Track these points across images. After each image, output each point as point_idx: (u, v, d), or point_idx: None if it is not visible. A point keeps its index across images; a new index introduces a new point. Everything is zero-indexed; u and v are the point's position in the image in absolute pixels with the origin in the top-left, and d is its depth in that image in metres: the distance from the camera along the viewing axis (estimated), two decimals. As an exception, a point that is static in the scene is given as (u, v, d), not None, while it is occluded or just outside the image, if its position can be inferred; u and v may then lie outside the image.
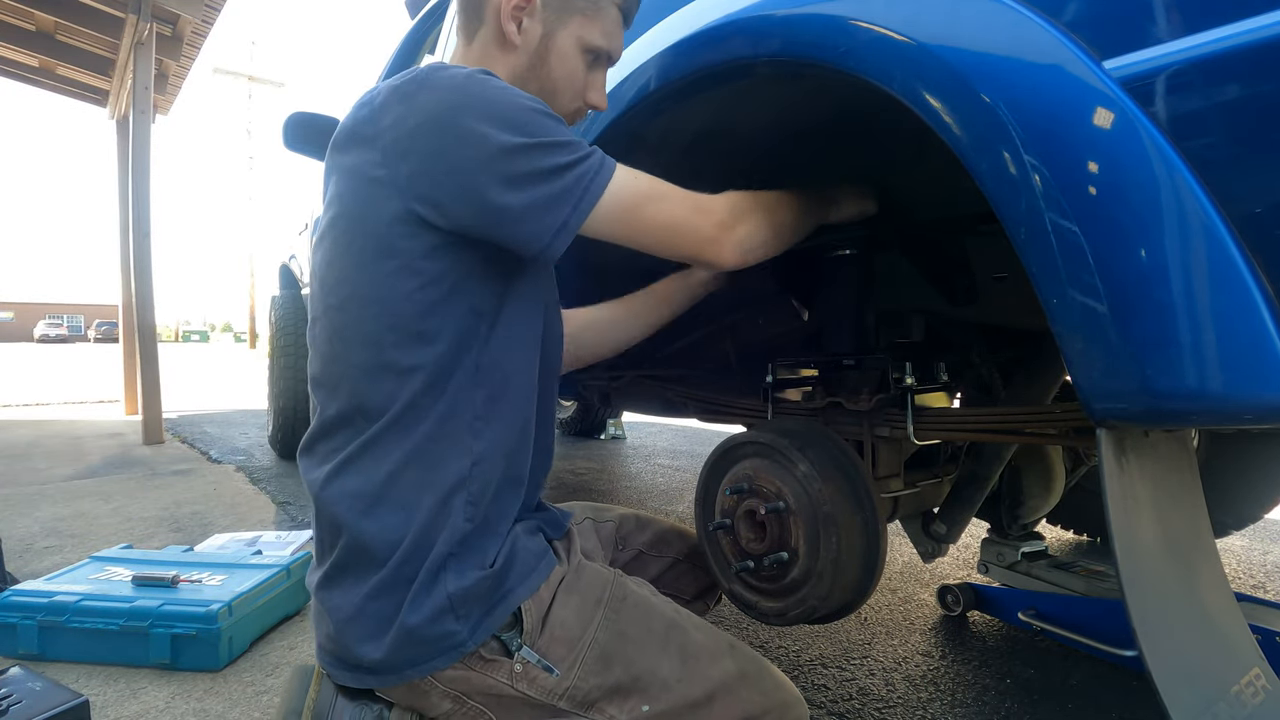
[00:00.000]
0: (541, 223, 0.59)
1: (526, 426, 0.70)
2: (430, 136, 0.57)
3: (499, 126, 0.57)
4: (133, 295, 4.11)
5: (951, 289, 1.17)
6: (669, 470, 3.09)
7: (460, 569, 0.62)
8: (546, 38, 0.71)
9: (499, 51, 0.72)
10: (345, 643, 0.62)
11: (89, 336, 49.51)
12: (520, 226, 0.58)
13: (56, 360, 15.89)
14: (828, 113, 0.88)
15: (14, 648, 1.26)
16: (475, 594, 0.62)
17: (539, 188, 0.58)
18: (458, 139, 0.57)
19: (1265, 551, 1.94)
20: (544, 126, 0.59)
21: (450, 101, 0.57)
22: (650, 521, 0.96)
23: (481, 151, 0.57)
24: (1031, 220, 0.51)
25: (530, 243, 0.59)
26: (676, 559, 0.95)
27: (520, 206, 0.58)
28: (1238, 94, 0.43)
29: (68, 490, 2.66)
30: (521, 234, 0.59)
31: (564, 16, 0.71)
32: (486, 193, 0.57)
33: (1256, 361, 0.44)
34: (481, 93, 0.58)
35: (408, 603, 0.60)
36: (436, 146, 0.57)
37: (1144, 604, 0.53)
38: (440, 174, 0.57)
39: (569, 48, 0.72)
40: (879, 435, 1.02)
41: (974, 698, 1.16)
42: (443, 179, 0.57)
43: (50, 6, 4.14)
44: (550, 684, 0.62)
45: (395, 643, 0.61)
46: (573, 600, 0.67)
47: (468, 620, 0.61)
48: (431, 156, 0.57)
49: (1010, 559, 1.32)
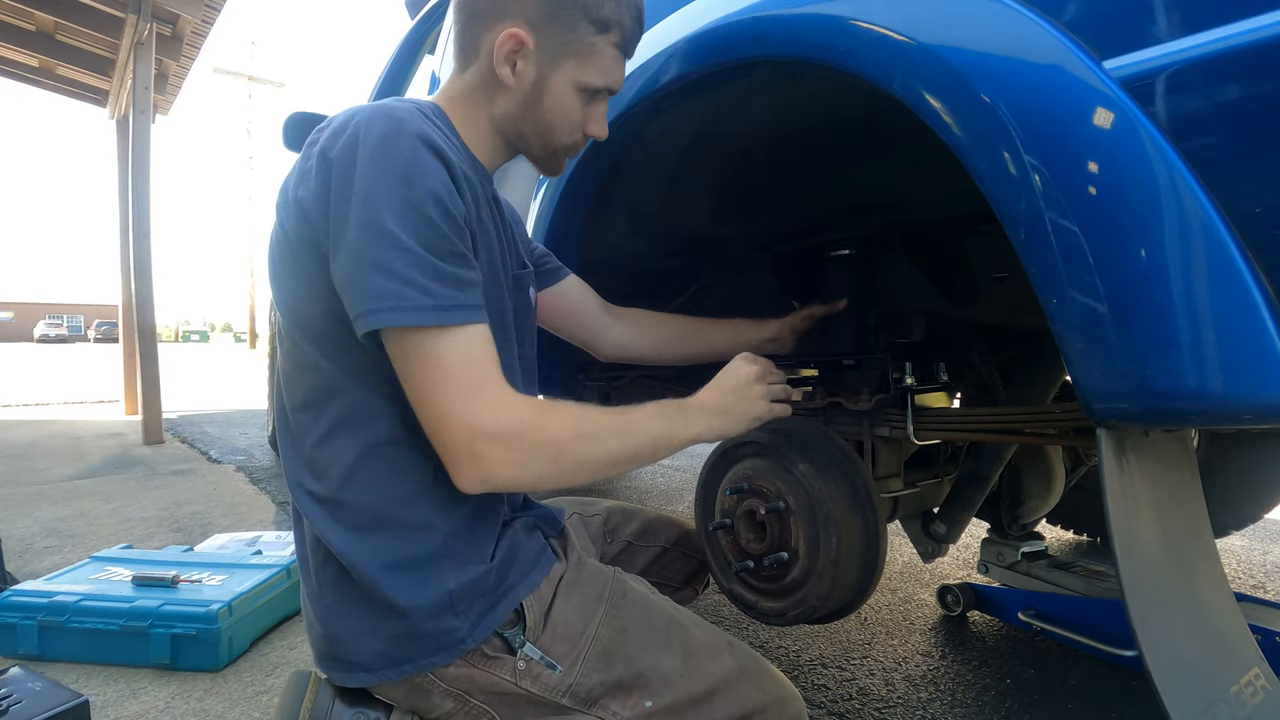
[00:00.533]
0: (360, 299, 0.55)
1: None
2: (346, 210, 0.56)
3: (407, 229, 0.55)
4: (133, 295, 4.11)
5: (951, 289, 1.17)
6: (669, 470, 3.09)
7: (458, 564, 0.62)
8: (540, 81, 0.68)
9: (492, 89, 0.69)
10: (341, 639, 0.62)
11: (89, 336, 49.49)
12: (345, 291, 0.56)
13: (56, 360, 15.89)
14: (827, 114, 0.88)
15: (14, 648, 1.26)
16: (476, 589, 0.62)
17: (386, 275, 0.54)
18: (369, 229, 0.55)
19: (1265, 551, 1.93)
20: (441, 246, 0.57)
21: (371, 190, 0.55)
22: (636, 511, 0.97)
23: (382, 243, 0.55)
24: (1031, 220, 0.51)
25: (349, 309, 0.57)
26: (665, 547, 0.97)
27: (348, 275, 0.55)
28: (1237, 94, 0.43)
29: (68, 490, 2.66)
30: (345, 298, 0.57)
31: (557, 60, 0.68)
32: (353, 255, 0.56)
33: (1256, 361, 0.44)
34: (402, 191, 0.55)
35: (405, 598, 0.60)
36: (345, 220, 0.56)
37: (1144, 604, 0.53)
38: (337, 239, 0.56)
39: (563, 89, 0.69)
40: (879, 435, 1.02)
41: (974, 698, 1.16)
42: (337, 243, 0.56)
43: (50, 6, 4.13)
44: (554, 681, 0.63)
45: (393, 639, 0.61)
46: (574, 597, 0.67)
47: (468, 616, 0.62)
48: (339, 225, 0.56)
49: (1010, 559, 1.32)
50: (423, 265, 0.55)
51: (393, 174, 0.55)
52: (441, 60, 1.90)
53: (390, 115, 0.58)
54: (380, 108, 0.59)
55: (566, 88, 0.69)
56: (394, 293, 0.54)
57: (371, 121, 0.57)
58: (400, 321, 0.54)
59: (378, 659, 0.61)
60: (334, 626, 0.63)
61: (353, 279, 0.55)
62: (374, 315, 0.54)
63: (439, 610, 0.60)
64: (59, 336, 45.19)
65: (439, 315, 0.55)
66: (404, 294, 0.54)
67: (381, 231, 0.54)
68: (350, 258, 0.55)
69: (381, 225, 0.54)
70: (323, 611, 0.64)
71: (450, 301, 0.56)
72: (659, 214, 1.18)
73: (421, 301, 0.54)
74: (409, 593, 0.60)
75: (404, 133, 0.57)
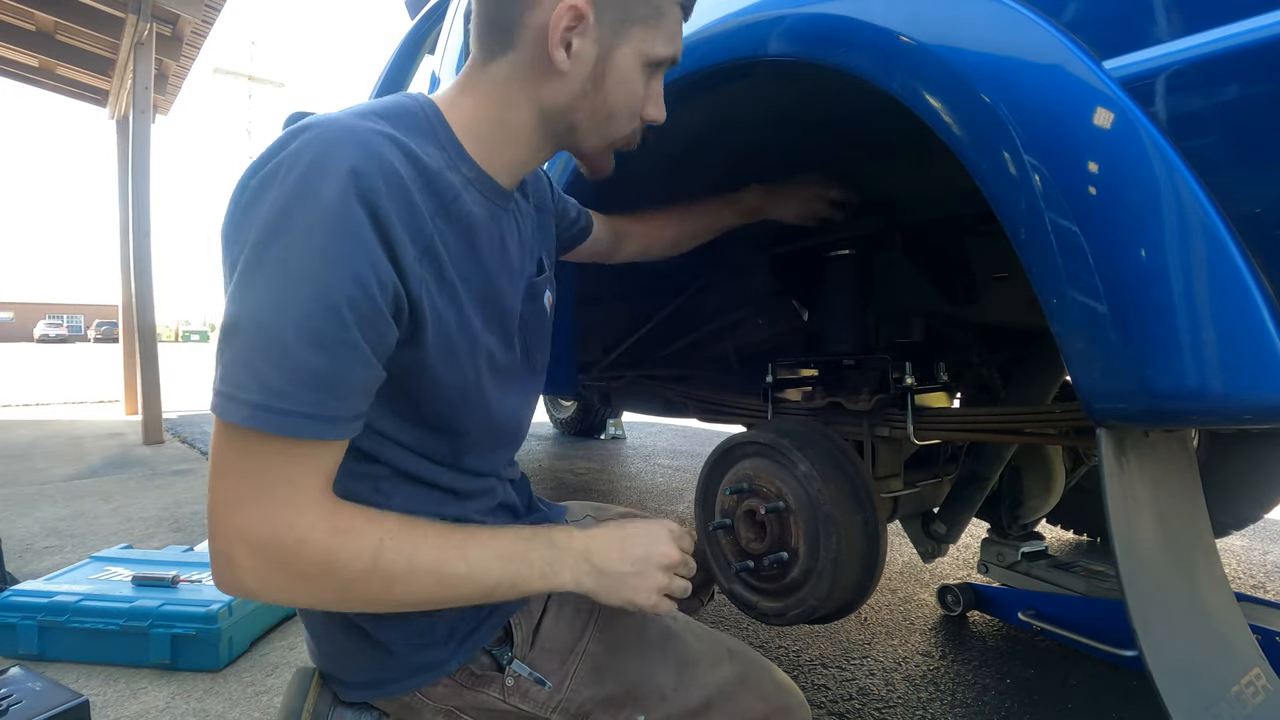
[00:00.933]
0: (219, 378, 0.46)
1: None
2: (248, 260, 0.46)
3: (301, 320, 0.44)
4: (133, 295, 4.11)
5: (952, 289, 1.17)
6: (669, 470, 3.09)
7: None
8: (603, 59, 0.57)
9: (536, 80, 0.57)
10: (330, 656, 0.62)
11: (89, 336, 49.50)
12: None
13: (56, 360, 15.88)
14: (827, 114, 0.88)
15: (14, 648, 1.26)
16: (458, 617, 0.61)
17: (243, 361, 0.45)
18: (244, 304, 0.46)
19: (1265, 551, 1.93)
20: (331, 354, 0.46)
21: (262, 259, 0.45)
22: None
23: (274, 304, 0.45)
24: (1031, 220, 0.51)
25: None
26: None
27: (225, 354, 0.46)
28: (1237, 94, 0.43)
29: (68, 490, 2.66)
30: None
31: (623, 29, 0.57)
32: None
33: (1256, 361, 0.44)
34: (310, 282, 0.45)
35: (386, 634, 0.59)
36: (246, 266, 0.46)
37: (1144, 604, 0.53)
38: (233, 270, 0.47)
39: (629, 65, 0.58)
40: (879, 435, 1.02)
41: (974, 698, 1.16)
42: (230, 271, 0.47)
43: (50, 6, 4.13)
44: (543, 697, 0.62)
45: (376, 663, 0.60)
46: (564, 612, 0.66)
47: (449, 644, 0.61)
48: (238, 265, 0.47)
49: (1010, 559, 1.32)
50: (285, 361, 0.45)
51: (298, 247, 0.44)
52: (441, 60, 1.90)
53: (321, 155, 0.46)
54: (319, 135, 0.47)
55: (633, 62, 0.58)
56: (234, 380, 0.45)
57: (296, 157, 0.46)
58: (229, 418, 0.45)
59: (363, 678, 0.61)
60: (322, 645, 0.63)
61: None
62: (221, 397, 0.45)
63: (421, 641, 0.60)
64: (59, 336, 45.21)
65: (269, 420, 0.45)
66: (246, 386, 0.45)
67: (258, 315, 0.45)
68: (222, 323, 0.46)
69: (259, 306, 0.45)
70: (312, 628, 0.64)
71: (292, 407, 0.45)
72: (659, 214, 1.18)
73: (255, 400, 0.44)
74: (391, 631, 0.59)
75: (336, 165, 0.46)
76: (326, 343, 0.45)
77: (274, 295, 0.44)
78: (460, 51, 1.73)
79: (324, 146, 0.46)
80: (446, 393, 0.57)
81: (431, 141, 0.54)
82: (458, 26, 1.77)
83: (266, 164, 0.47)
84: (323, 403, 0.46)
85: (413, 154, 0.51)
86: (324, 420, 0.46)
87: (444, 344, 0.54)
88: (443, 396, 0.57)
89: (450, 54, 1.82)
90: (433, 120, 0.56)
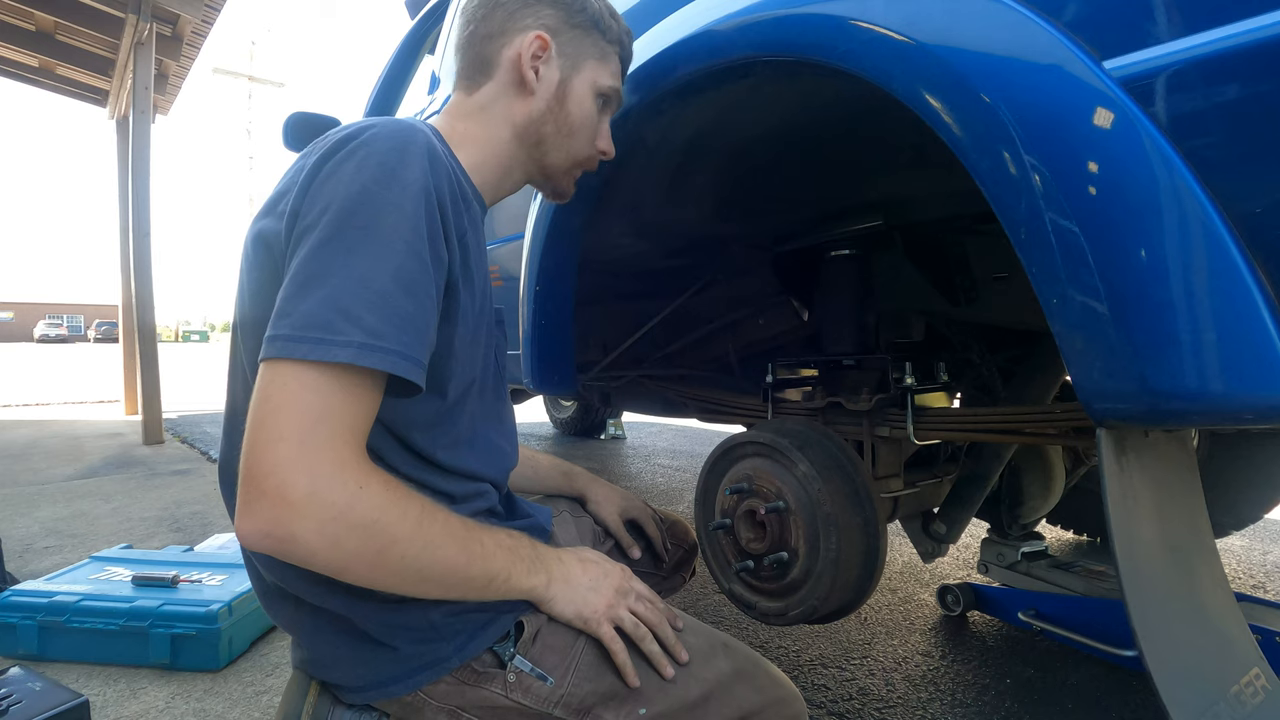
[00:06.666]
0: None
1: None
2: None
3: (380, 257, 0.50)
4: (133, 295, 4.11)
5: (952, 289, 1.17)
6: (669, 470, 3.09)
7: (439, 600, 0.60)
8: (563, 83, 0.72)
9: (513, 99, 0.72)
10: (323, 662, 0.62)
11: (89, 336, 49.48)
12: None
13: (56, 360, 15.88)
14: (827, 114, 0.88)
15: (14, 648, 1.26)
16: (460, 618, 0.61)
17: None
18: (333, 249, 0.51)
19: (1265, 551, 1.93)
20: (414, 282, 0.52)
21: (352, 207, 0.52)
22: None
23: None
24: (1031, 220, 0.51)
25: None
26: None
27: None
28: (1237, 94, 0.43)
29: (68, 490, 2.66)
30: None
31: (579, 61, 0.73)
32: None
33: (1256, 361, 0.44)
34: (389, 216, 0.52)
35: (387, 634, 0.59)
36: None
37: (1144, 604, 0.53)
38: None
39: (584, 90, 0.74)
40: (879, 435, 1.02)
41: (974, 698, 1.16)
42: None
43: (50, 6, 4.14)
44: (545, 692, 0.62)
45: (375, 663, 0.60)
46: None
47: (452, 641, 0.61)
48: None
49: (1010, 559, 1.32)
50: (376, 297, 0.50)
51: (384, 194, 0.52)
52: (441, 60, 1.90)
53: (396, 133, 0.55)
54: (391, 128, 0.56)
55: (587, 89, 0.74)
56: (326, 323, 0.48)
57: (375, 138, 0.54)
58: (297, 351, 0.48)
59: (362, 681, 0.61)
60: (314, 650, 0.62)
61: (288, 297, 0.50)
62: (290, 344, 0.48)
63: (422, 638, 0.60)
64: (59, 336, 45.21)
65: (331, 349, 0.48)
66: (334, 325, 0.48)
67: (348, 256, 0.50)
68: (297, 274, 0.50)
69: (349, 249, 0.50)
70: (300, 634, 0.63)
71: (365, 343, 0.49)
72: (659, 214, 1.18)
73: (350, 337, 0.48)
74: (390, 630, 0.59)
75: (411, 149, 0.54)
76: (416, 291, 0.52)
77: (369, 250, 0.50)
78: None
79: (398, 139, 0.55)
80: (465, 378, 0.63)
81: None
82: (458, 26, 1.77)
83: (341, 149, 0.54)
84: (413, 345, 0.51)
85: (453, 158, 0.62)
86: (414, 361, 0.51)
87: (467, 326, 0.61)
88: (463, 381, 0.62)
89: (450, 54, 1.82)
90: (439, 140, 0.63)
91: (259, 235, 0.57)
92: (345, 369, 0.49)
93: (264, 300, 0.55)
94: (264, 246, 0.57)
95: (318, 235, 0.51)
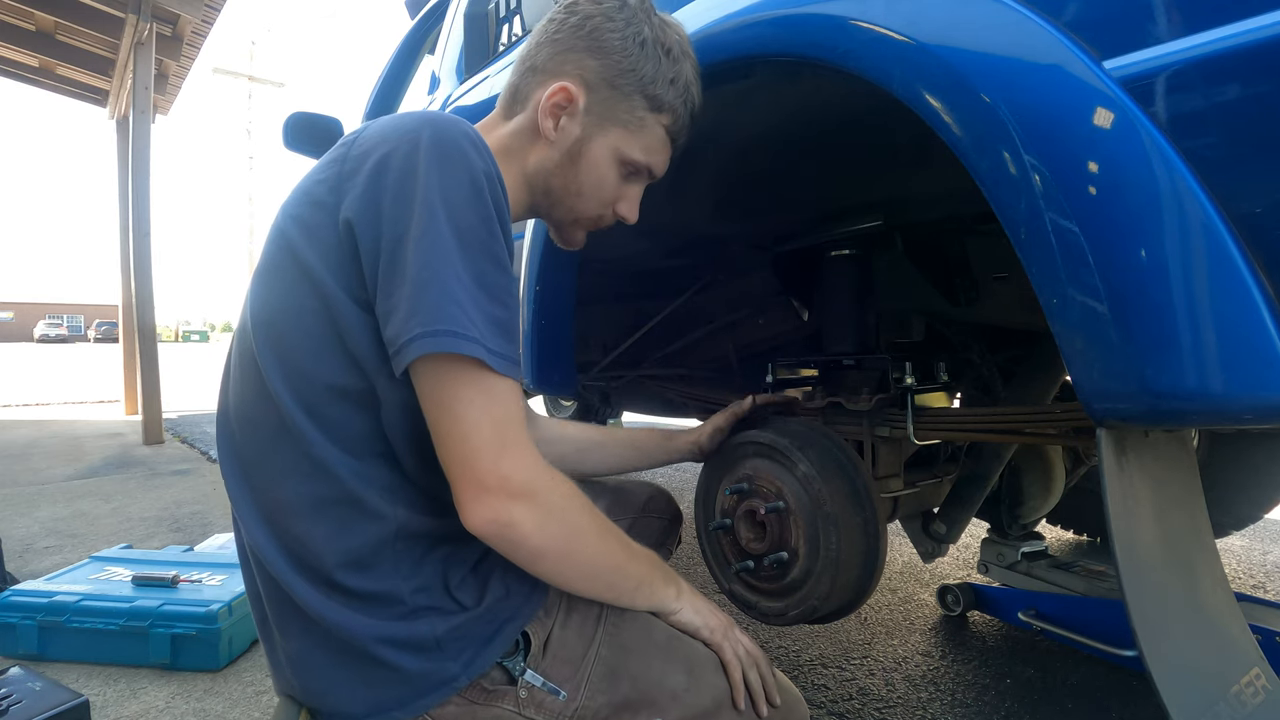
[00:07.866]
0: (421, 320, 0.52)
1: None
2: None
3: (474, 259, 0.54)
4: (133, 295, 4.12)
5: (952, 289, 1.17)
6: (668, 470, 3.09)
7: (442, 614, 0.58)
8: (582, 141, 0.69)
9: (530, 141, 0.70)
10: (319, 691, 0.59)
11: (89, 336, 49.47)
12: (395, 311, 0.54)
13: (56, 360, 15.88)
14: (826, 114, 0.88)
15: (14, 648, 1.26)
16: (464, 633, 0.59)
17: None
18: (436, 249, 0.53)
19: (1265, 551, 1.93)
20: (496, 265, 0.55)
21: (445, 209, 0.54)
22: (603, 488, 0.96)
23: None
24: (1031, 220, 0.51)
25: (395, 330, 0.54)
26: (635, 517, 0.96)
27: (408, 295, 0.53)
28: (1237, 94, 0.43)
29: (68, 490, 2.66)
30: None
31: (604, 125, 0.69)
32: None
33: (1256, 361, 0.43)
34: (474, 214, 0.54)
35: (389, 654, 0.57)
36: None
37: (1144, 604, 0.53)
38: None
39: (603, 156, 0.70)
40: (879, 435, 1.02)
41: (974, 698, 1.16)
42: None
43: (50, 6, 4.14)
44: (558, 707, 0.60)
45: (378, 686, 0.57)
46: (573, 619, 0.65)
47: (459, 658, 0.58)
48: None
49: (1010, 559, 1.32)
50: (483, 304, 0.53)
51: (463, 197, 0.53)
52: (441, 60, 1.90)
53: (453, 146, 0.55)
54: (448, 128, 0.55)
55: (607, 155, 0.70)
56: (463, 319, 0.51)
57: (435, 141, 0.54)
58: (437, 347, 0.50)
59: (365, 706, 0.58)
60: (309, 678, 0.59)
61: (413, 299, 0.51)
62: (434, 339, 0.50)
63: (427, 656, 0.57)
64: (59, 336, 45.21)
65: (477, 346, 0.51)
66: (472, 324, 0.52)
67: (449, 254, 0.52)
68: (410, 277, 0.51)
69: (449, 247, 0.52)
70: (293, 659, 0.60)
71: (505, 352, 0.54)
72: (659, 214, 1.18)
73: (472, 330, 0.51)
74: (392, 650, 0.57)
75: (470, 159, 0.55)
76: (505, 298, 0.55)
77: (452, 254, 0.52)
78: (460, 51, 1.73)
79: (457, 143, 0.55)
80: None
81: None
82: (458, 26, 1.77)
83: (400, 147, 0.54)
84: (516, 350, 0.55)
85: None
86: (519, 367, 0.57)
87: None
88: None
89: (450, 54, 1.82)
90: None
91: (299, 224, 0.56)
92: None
93: (296, 292, 0.56)
94: (305, 235, 0.56)
95: (414, 234, 0.52)
